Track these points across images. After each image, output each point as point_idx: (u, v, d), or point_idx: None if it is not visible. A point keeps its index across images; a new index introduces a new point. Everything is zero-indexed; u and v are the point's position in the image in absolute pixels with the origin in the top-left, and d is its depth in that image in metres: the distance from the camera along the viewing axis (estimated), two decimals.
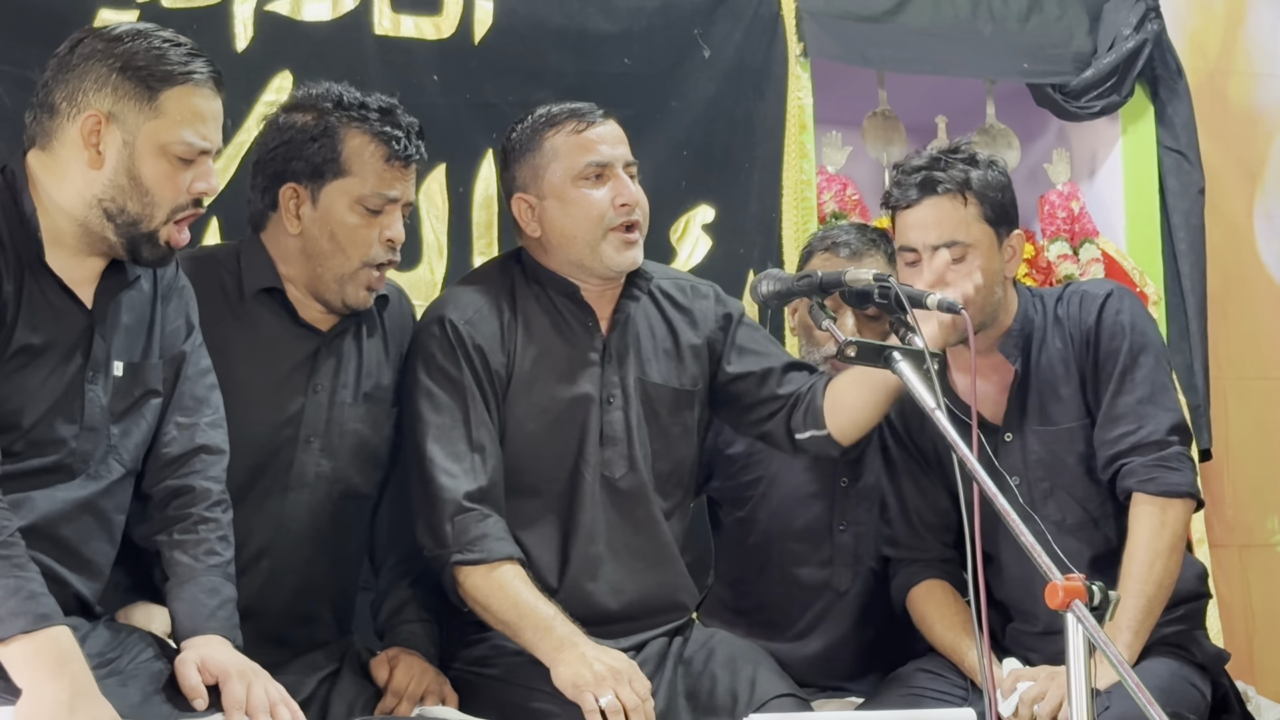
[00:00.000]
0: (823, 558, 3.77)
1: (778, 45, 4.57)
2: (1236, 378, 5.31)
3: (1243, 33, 5.55)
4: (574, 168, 3.33)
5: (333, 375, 3.26)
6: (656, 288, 3.50)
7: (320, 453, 3.24)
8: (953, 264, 3.35)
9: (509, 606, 3.14)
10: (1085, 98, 5.00)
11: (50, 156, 2.76)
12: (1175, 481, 3.36)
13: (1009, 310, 3.49)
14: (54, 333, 2.76)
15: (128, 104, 2.73)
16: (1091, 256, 5.01)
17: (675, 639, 3.37)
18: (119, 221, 2.76)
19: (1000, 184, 3.45)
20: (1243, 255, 5.43)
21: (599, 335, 3.40)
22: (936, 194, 3.38)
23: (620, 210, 3.33)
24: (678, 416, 3.47)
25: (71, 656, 2.53)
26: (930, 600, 3.57)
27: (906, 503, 3.63)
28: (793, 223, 4.51)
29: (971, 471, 2.63)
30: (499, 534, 3.20)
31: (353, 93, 3.23)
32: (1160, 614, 3.32)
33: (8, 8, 3.67)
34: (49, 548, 2.72)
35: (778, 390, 3.47)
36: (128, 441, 2.88)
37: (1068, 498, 3.47)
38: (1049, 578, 2.42)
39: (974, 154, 3.46)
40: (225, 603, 2.88)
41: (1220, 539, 5.09)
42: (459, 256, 4.14)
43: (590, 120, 3.37)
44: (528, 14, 4.25)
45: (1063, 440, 3.46)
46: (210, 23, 3.82)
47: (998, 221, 3.42)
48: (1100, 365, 3.44)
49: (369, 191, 3.16)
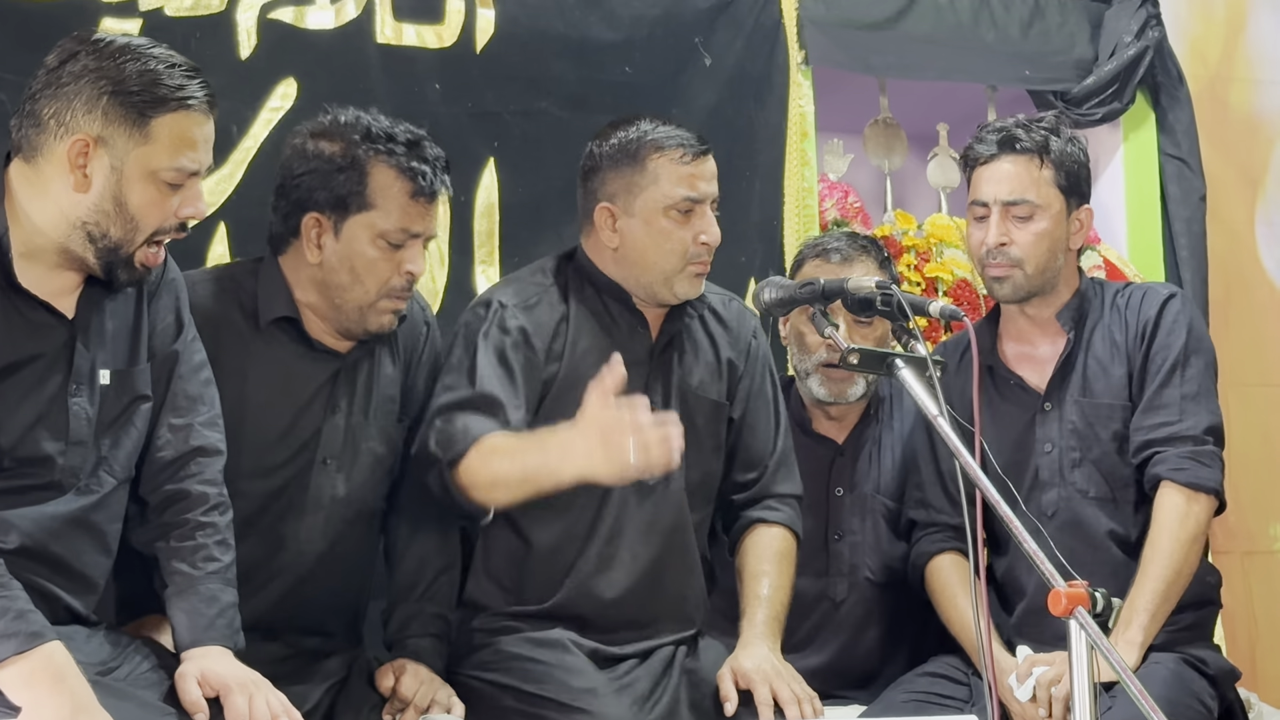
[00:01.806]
0: (818, 568, 3.77)
1: (779, 53, 4.58)
2: (1238, 384, 5.30)
3: (1243, 39, 5.55)
4: (671, 198, 3.32)
5: (350, 397, 3.25)
6: (706, 305, 3.52)
7: (337, 474, 3.23)
8: (1020, 222, 3.45)
9: (507, 459, 3.08)
10: (1086, 105, 5.01)
11: (34, 171, 2.69)
12: (1205, 476, 3.40)
13: (1069, 283, 3.57)
14: (32, 348, 2.70)
15: (117, 129, 2.65)
16: (1093, 264, 5.00)
17: (681, 649, 3.37)
18: (100, 245, 2.69)
19: (1079, 157, 3.54)
20: (1244, 262, 5.43)
21: (648, 340, 3.41)
22: (1014, 151, 3.49)
23: (701, 248, 3.34)
24: (712, 428, 3.48)
25: (68, 671, 2.51)
26: (950, 575, 3.57)
27: (942, 469, 3.65)
28: (794, 230, 4.52)
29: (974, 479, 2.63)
30: (475, 422, 3.15)
31: (381, 122, 3.18)
32: (1176, 602, 3.35)
33: (10, 15, 3.67)
34: (39, 566, 2.69)
35: (735, 477, 3.52)
36: (118, 452, 2.83)
37: (1094, 470, 3.51)
38: (1051, 585, 2.43)
39: (1058, 125, 3.55)
40: (224, 610, 2.86)
41: (1222, 545, 5.09)
42: (460, 265, 4.14)
43: (695, 153, 3.35)
44: (529, 23, 4.25)
45: (1101, 414, 3.51)
46: (213, 31, 3.82)
47: (1070, 190, 3.51)
48: (1151, 356, 3.50)
49: (392, 227, 3.13)
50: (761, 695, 3.13)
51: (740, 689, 3.17)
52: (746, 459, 3.53)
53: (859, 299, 3.03)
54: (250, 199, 3.03)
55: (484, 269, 4.15)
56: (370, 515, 3.33)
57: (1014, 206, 3.46)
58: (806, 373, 3.81)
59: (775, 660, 3.23)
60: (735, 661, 3.22)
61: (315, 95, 3.84)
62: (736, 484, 3.53)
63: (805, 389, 3.85)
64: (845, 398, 3.80)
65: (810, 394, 3.83)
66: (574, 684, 3.17)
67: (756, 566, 3.42)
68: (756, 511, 3.50)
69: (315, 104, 3.67)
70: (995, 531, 3.47)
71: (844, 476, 3.83)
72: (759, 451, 3.53)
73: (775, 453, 3.54)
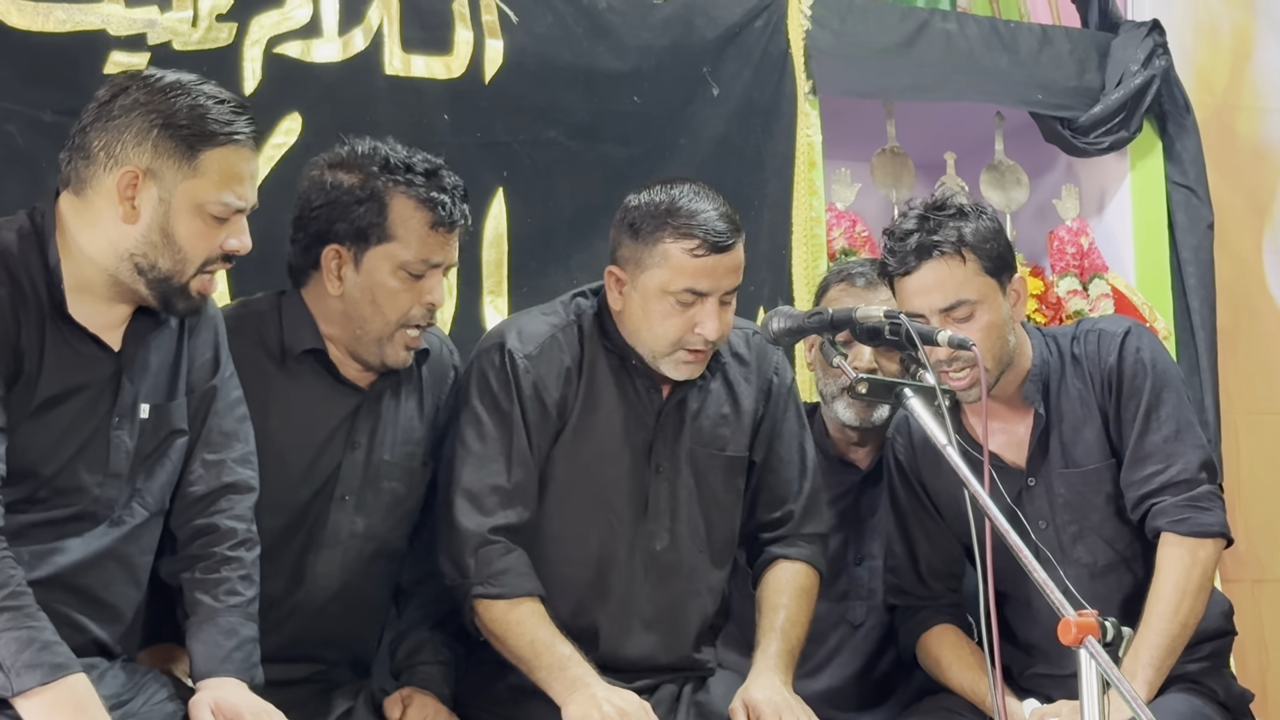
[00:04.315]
0: (839, 592, 3.77)
1: (786, 83, 4.58)
2: (1247, 412, 5.31)
3: (1250, 68, 5.57)
4: (671, 284, 3.20)
5: (370, 433, 3.24)
6: (725, 350, 3.43)
7: (355, 510, 3.23)
8: (961, 323, 3.32)
9: (525, 643, 3.13)
10: (1094, 133, 5.01)
11: (84, 204, 2.72)
12: (1207, 522, 3.35)
13: (1024, 354, 3.46)
14: (79, 380, 2.73)
15: (167, 162, 2.68)
16: (1101, 292, 5.01)
17: (688, 685, 3.36)
18: (150, 276, 2.72)
19: (993, 232, 3.39)
20: (1252, 289, 5.44)
21: (659, 400, 3.35)
22: (933, 257, 3.33)
23: (694, 338, 3.24)
24: (731, 483, 3.44)
25: (90, 703, 2.53)
26: (943, 644, 3.55)
27: (916, 551, 3.60)
28: (802, 260, 4.52)
29: (984, 508, 2.63)
30: (521, 569, 3.18)
31: (398, 153, 3.17)
32: (1182, 652, 3.30)
33: (20, 49, 3.68)
34: (70, 597, 2.71)
35: (760, 517, 3.50)
36: (152, 484, 2.85)
37: (1097, 539, 3.45)
38: (1061, 614, 2.42)
39: (961, 206, 3.40)
40: (243, 643, 2.86)
41: (1232, 574, 5.09)
42: (468, 295, 4.13)
43: (711, 248, 3.18)
44: (538, 53, 4.26)
45: (1089, 482, 3.44)
46: (220, 65, 3.82)
47: (997, 271, 3.37)
48: (1123, 405, 3.42)
49: (413, 258, 3.12)
50: None
51: None
52: (770, 499, 3.49)
53: (867, 328, 3.01)
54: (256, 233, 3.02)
55: (492, 299, 4.15)
56: (390, 553, 3.32)
57: (952, 311, 3.33)
58: (832, 396, 3.79)
59: (786, 693, 3.20)
60: (746, 693, 3.20)
61: (319, 129, 3.85)
62: (762, 523, 3.49)
63: (830, 413, 3.84)
64: (871, 421, 3.78)
65: (836, 418, 3.82)
66: None
67: (775, 600, 3.39)
68: (780, 548, 3.46)
69: (319, 138, 3.70)
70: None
71: (868, 501, 3.82)
72: (783, 492, 3.49)
73: (802, 494, 3.50)
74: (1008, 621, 3.49)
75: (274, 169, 3.85)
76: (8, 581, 2.54)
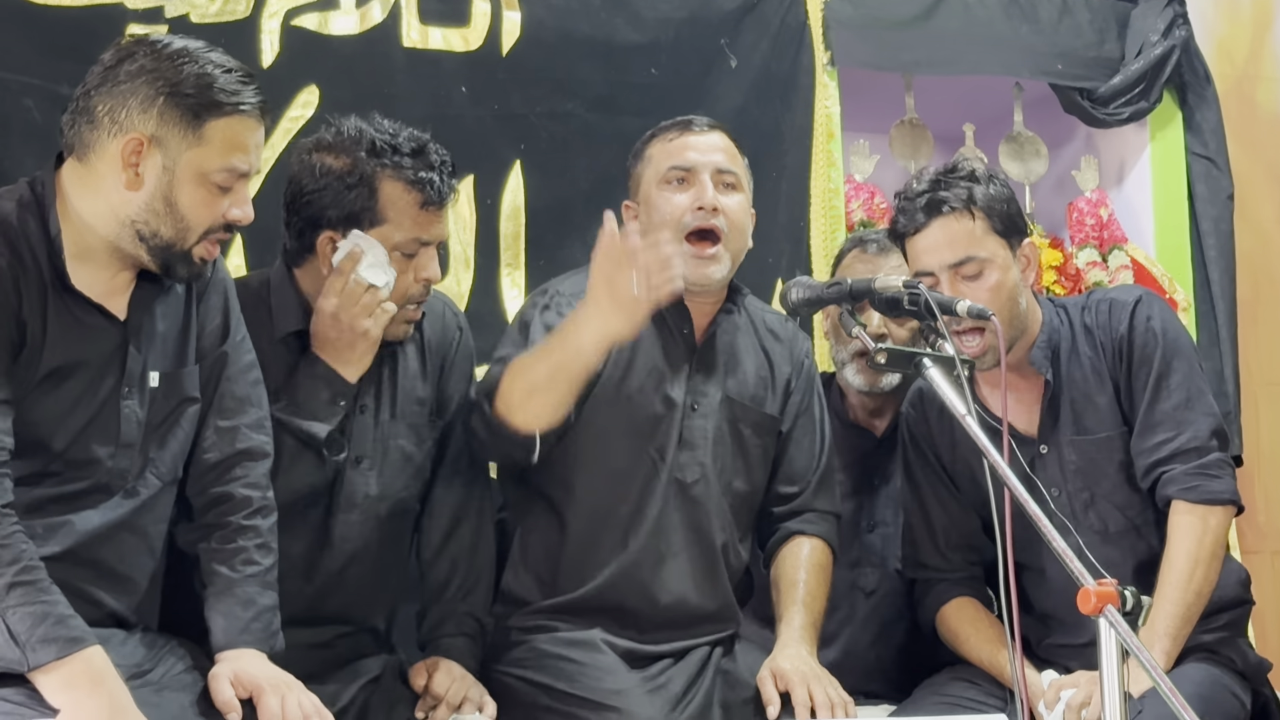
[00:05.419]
0: (851, 559, 3.78)
1: (805, 54, 4.58)
2: (1267, 383, 5.30)
3: (1271, 38, 5.53)
4: (659, 172, 3.39)
5: (375, 395, 3.26)
6: (760, 320, 3.54)
7: (369, 472, 3.24)
8: (970, 281, 3.35)
9: (535, 363, 3.17)
10: (1113, 104, 4.99)
11: (86, 169, 2.70)
12: (1217, 489, 3.35)
13: (1035, 321, 3.48)
14: (85, 351, 2.72)
15: (172, 130, 2.67)
16: (1120, 263, 5.00)
17: (718, 649, 3.38)
18: (151, 244, 2.71)
19: (1004, 196, 3.43)
20: (1272, 261, 5.41)
21: (693, 342, 3.43)
22: (943, 214, 3.37)
23: (696, 214, 3.33)
24: (760, 439, 3.49)
25: (106, 675, 2.54)
26: (961, 617, 3.56)
27: (933, 524, 3.62)
28: (821, 231, 4.52)
29: (1003, 478, 2.62)
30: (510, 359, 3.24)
31: (384, 133, 3.18)
32: (1198, 621, 3.31)
33: (38, 23, 3.68)
34: (85, 570, 2.71)
35: (776, 489, 3.54)
36: (165, 454, 2.85)
37: (1109, 506, 3.45)
38: (1080, 583, 2.41)
39: (973, 170, 3.44)
40: (261, 613, 2.87)
41: (1252, 545, 5.08)
42: (486, 268, 4.14)
43: (688, 129, 3.43)
44: (555, 25, 4.26)
45: (1101, 449, 3.45)
46: (238, 37, 3.82)
47: (1007, 232, 3.40)
48: (1134, 373, 3.43)
49: (405, 238, 3.14)
50: (799, 696, 3.14)
51: (779, 691, 3.18)
52: (789, 473, 3.53)
53: (886, 299, 3.02)
54: (268, 209, 3.02)
55: (510, 272, 4.15)
56: (404, 512, 3.34)
57: (961, 267, 3.35)
58: (843, 362, 3.84)
59: (813, 663, 3.24)
60: (774, 663, 3.23)
61: (337, 102, 3.84)
62: (777, 496, 3.53)
63: (843, 378, 3.88)
64: (879, 387, 3.83)
65: (848, 383, 3.86)
66: (606, 683, 3.18)
67: (794, 574, 3.42)
68: (795, 524, 3.50)
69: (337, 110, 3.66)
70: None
71: (881, 468, 3.84)
72: (802, 467, 3.54)
73: (818, 470, 3.55)
74: (1024, 591, 3.50)
75: (290, 143, 3.85)
76: (20, 556, 2.54)
